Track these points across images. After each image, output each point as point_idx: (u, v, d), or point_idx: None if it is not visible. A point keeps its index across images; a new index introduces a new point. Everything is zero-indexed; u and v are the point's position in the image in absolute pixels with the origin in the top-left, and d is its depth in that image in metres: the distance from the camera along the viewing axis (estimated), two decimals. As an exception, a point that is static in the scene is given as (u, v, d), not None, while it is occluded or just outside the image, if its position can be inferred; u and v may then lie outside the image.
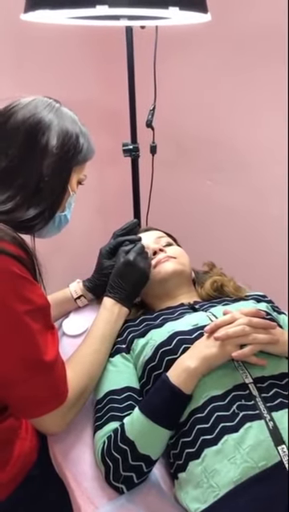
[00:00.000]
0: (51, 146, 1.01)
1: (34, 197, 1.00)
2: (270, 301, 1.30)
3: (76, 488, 1.01)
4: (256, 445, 0.87)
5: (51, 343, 0.97)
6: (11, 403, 0.97)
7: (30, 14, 1.19)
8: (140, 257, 1.28)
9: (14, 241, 0.92)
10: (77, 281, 1.42)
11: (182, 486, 0.94)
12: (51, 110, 1.03)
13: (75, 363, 1.07)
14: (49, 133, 1.01)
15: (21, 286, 0.91)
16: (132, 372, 1.14)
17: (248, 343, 1.00)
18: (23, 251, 0.93)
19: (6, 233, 0.92)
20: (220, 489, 0.87)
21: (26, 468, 1.07)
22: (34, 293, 0.93)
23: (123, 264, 1.27)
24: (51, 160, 1.01)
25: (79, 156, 1.07)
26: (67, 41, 1.80)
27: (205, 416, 0.95)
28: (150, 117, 1.67)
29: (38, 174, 1.00)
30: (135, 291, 1.28)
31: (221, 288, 1.33)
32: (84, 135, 1.08)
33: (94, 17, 1.31)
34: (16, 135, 0.99)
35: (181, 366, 1.00)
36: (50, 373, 0.96)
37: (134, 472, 0.97)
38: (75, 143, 1.05)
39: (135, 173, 1.74)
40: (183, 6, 1.14)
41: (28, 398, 0.95)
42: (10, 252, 0.89)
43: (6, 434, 1.05)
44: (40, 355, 0.93)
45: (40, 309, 0.95)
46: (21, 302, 0.90)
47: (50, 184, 1.01)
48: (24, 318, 0.90)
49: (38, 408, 0.96)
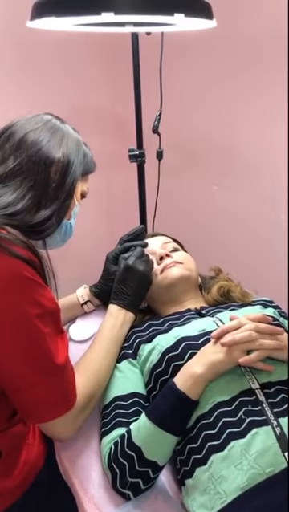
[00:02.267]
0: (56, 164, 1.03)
1: (43, 199, 1.01)
2: (277, 306, 1.30)
3: (83, 494, 1.01)
4: (263, 451, 0.87)
5: (61, 347, 0.97)
6: (20, 407, 0.97)
7: (36, 21, 1.20)
8: (139, 260, 1.28)
9: (25, 245, 0.93)
10: (84, 286, 1.42)
11: (189, 493, 0.94)
12: (55, 132, 1.06)
13: (82, 370, 1.07)
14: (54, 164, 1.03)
15: (32, 289, 0.91)
16: (139, 378, 1.13)
17: (255, 348, 0.99)
18: (34, 255, 0.94)
19: (16, 238, 0.92)
20: (227, 496, 0.86)
21: (33, 474, 1.07)
22: (44, 297, 0.94)
23: (123, 269, 1.28)
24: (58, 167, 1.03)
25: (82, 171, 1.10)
26: (73, 48, 1.81)
27: (212, 422, 0.94)
28: (156, 123, 1.68)
29: (46, 178, 1.01)
30: (138, 295, 1.28)
31: (228, 293, 1.32)
32: (86, 155, 1.12)
33: (100, 24, 1.32)
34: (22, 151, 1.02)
35: (188, 372, 0.99)
36: (60, 377, 0.96)
37: (141, 478, 0.97)
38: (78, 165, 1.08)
39: (141, 179, 1.75)
40: (188, 13, 1.14)
41: (37, 402, 0.95)
42: (21, 256, 0.90)
43: (14, 440, 1.05)
44: (50, 358, 0.93)
45: (51, 313, 0.95)
46: (32, 305, 0.90)
47: (57, 188, 1.03)
48: (35, 322, 0.91)
49: (46, 413, 0.96)
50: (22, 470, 1.04)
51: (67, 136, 1.07)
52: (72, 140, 1.07)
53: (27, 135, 1.02)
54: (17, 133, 1.03)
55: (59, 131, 1.06)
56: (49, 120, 1.07)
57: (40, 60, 1.86)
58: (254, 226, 2.09)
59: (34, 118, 1.06)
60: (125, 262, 1.28)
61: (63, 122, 1.10)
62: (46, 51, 1.83)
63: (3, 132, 1.04)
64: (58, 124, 1.08)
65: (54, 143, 1.04)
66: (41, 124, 1.05)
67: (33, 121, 1.05)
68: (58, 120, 1.09)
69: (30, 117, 1.07)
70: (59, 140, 1.05)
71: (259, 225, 2.07)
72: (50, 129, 1.05)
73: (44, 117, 1.08)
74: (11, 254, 0.89)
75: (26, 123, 1.05)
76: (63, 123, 1.10)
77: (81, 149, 1.10)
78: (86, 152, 1.13)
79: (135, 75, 1.62)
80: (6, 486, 1.01)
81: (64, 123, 1.10)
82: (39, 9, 1.18)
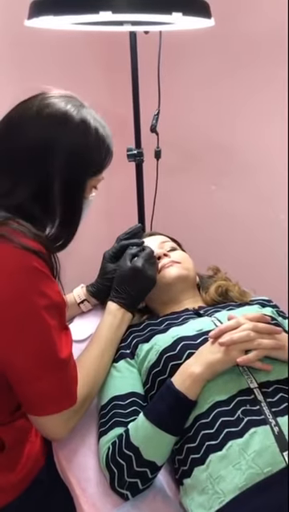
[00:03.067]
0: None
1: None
2: (275, 306, 1.30)
3: (81, 494, 1.01)
4: (261, 451, 0.87)
5: (65, 342, 0.97)
6: (23, 398, 0.98)
7: (34, 20, 1.20)
8: (148, 264, 1.27)
9: (36, 237, 0.94)
10: (81, 286, 1.42)
11: (187, 492, 0.94)
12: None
13: (79, 369, 1.07)
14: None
15: (41, 281, 0.92)
16: (137, 378, 1.13)
17: (253, 348, 0.99)
18: (43, 247, 0.94)
19: (29, 230, 0.93)
20: (225, 496, 0.86)
21: (34, 471, 1.07)
22: (52, 289, 0.94)
23: (131, 270, 1.26)
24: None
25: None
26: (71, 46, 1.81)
27: (210, 422, 0.94)
28: (154, 122, 1.68)
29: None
30: (140, 297, 1.28)
31: (226, 293, 1.32)
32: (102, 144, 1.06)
33: (98, 22, 1.32)
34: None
35: (186, 371, 0.99)
36: (64, 371, 0.97)
37: (139, 478, 0.96)
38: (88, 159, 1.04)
39: (139, 178, 1.75)
40: (186, 12, 1.14)
41: (40, 395, 0.95)
42: (31, 248, 0.91)
43: (18, 434, 1.05)
44: (55, 351, 0.94)
45: (57, 306, 0.95)
46: (40, 296, 0.91)
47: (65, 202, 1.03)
48: (42, 313, 0.91)
49: (48, 406, 0.96)
50: (24, 465, 1.05)
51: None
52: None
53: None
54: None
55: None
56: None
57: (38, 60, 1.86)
58: (252, 226, 2.09)
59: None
60: (135, 263, 1.26)
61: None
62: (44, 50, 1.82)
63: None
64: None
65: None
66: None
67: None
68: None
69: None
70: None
71: (257, 224, 2.07)
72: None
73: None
74: (22, 246, 0.90)
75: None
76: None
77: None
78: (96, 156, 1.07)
79: (133, 74, 1.62)
80: (8, 481, 1.02)
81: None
82: (37, 7, 1.18)
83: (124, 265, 1.28)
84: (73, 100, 1.03)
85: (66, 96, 1.03)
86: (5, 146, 0.99)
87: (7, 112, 1.02)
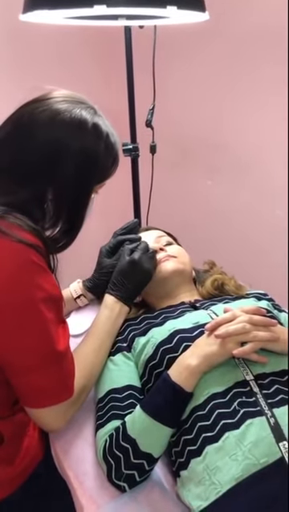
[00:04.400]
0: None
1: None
2: (270, 299, 1.30)
3: (78, 487, 1.01)
4: (257, 442, 0.87)
5: (62, 335, 0.98)
6: (19, 390, 0.98)
7: (28, 14, 1.20)
8: (145, 256, 1.28)
9: (33, 230, 0.94)
10: (77, 281, 1.42)
11: (184, 484, 0.94)
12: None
13: (76, 361, 1.07)
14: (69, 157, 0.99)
15: (38, 274, 0.92)
16: (134, 371, 1.14)
17: (249, 340, 1.00)
18: (40, 241, 0.95)
19: (24, 223, 0.94)
20: (222, 487, 0.86)
21: (32, 465, 1.08)
22: (49, 283, 0.95)
23: (128, 263, 1.27)
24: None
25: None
26: (66, 41, 1.81)
27: (207, 414, 0.95)
28: (149, 117, 1.68)
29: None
30: (137, 290, 1.29)
31: (222, 286, 1.33)
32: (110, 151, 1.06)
33: (92, 17, 1.31)
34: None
35: (182, 364, 1.00)
36: (61, 364, 0.97)
37: (136, 470, 0.97)
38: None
39: (135, 173, 1.75)
40: (181, 5, 1.14)
41: (36, 387, 0.96)
42: (28, 242, 0.91)
43: (16, 428, 1.06)
44: (52, 344, 0.94)
45: (54, 299, 0.96)
46: (38, 289, 0.92)
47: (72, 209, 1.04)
48: (39, 306, 0.92)
49: (45, 399, 0.97)
50: (22, 459, 1.05)
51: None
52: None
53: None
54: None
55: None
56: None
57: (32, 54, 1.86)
58: (248, 221, 2.10)
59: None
60: (132, 256, 1.27)
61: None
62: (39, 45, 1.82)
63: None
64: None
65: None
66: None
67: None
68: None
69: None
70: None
71: (253, 219, 2.08)
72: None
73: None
74: (19, 240, 0.90)
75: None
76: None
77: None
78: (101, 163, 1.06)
79: (128, 68, 1.62)
80: (7, 474, 1.02)
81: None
82: (32, 1, 1.18)
83: (122, 259, 1.29)
84: (86, 106, 1.02)
85: (79, 102, 1.02)
86: (14, 149, 0.99)
87: (13, 113, 1.01)
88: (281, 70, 1.73)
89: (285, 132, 1.79)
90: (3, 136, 1.00)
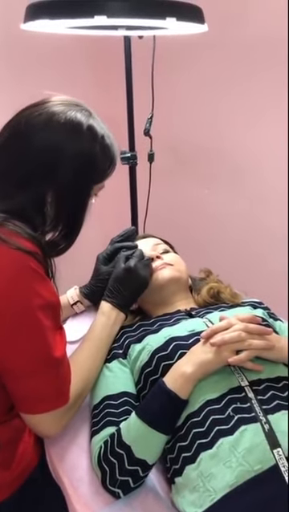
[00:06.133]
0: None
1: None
2: (266, 307, 1.31)
3: (73, 494, 1.01)
4: (251, 448, 0.88)
5: (59, 341, 0.98)
6: (15, 396, 0.98)
7: (29, 23, 1.21)
8: (140, 263, 1.28)
9: (31, 237, 0.95)
10: (74, 287, 1.43)
11: (179, 491, 0.94)
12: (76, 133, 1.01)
13: (72, 368, 1.07)
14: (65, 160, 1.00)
15: (36, 281, 0.93)
16: (129, 377, 1.14)
17: (244, 348, 1.00)
18: (38, 248, 0.95)
19: (23, 230, 0.94)
20: (216, 493, 0.87)
21: (28, 470, 1.08)
22: (47, 290, 0.95)
23: (124, 270, 1.27)
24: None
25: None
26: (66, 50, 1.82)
27: (201, 420, 0.95)
28: (148, 125, 1.69)
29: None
30: (133, 298, 1.29)
31: (218, 295, 1.33)
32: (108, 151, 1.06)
33: (93, 27, 1.33)
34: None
35: (178, 371, 1.00)
36: (57, 370, 0.97)
37: (130, 476, 0.97)
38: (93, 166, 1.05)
39: (133, 181, 1.76)
40: (180, 17, 1.15)
41: (32, 393, 0.96)
42: (27, 249, 0.92)
43: (11, 434, 1.06)
44: (49, 350, 0.94)
45: (51, 306, 0.96)
46: (35, 296, 0.92)
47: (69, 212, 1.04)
48: (37, 313, 0.92)
49: (40, 405, 0.97)
50: (18, 465, 1.05)
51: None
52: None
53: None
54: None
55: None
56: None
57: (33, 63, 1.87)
58: (244, 229, 2.10)
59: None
60: (128, 263, 1.28)
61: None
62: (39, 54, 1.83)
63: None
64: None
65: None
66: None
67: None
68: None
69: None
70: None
71: (249, 227, 2.08)
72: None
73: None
74: (18, 247, 0.91)
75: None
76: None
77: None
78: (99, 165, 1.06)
79: (127, 78, 1.63)
80: (2, 479, 1.02)
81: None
82: (33, 11, 1.19)
83: (117, 266, 1.30)
84: (81, 109, 1.03)
85: (74, 104, 1.03)
86: (11, 153, 1.00)
87: (11, 119, 1.02)
88: (278, 79, 1.74)
89: (282, 141, 1.81)
90: (1, 142, 1.01)
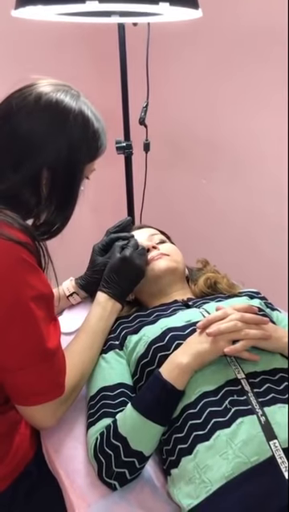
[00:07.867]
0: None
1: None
2: (263, 297, 1.30)
3: (69, 485, 1.01)
4: (248, 440, 0.87)
5: (53, 333, 0.98)
6: (10, 388, 0.98)
7: (20, 10, 1.19)
8: (136, 253, 1.27)
9: (23, 228, 0.94)
10: (70, 279, 1.42)
11: (175, 482, 0.94)
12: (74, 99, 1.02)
13: (67, 359, 1.07)
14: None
15: (28, 272, 0.92)
16: (125, 369, 1.13)
17: (240, 338, 1.00)
18: (30, 239, 0.95)
19: (14, 221, 0.93)
20: (212, 485, 0.86)
21: (23, 462, 1.07)
22: (40, 281, 0.95)
23: (119, 260, 1.26)
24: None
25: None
26: (59, 38, 1.80)
27: (198, 412, 0.94)
28: (143, 114, 1.67)
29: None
30: (129, 288, 1.28)
31: (215, 285, 1.33)
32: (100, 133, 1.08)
33: (85, 13, 1.31)
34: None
35: (174, 362, 0.99)
36: (51, 362, 0.97)
37: (127, 468, 0.97)
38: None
39: (128, 171, 1.74)
40: (173, 2, 1.13)
41: (27, 384, 0.96)
42: (18, 240, 0.91)
43: (7, 426, 1.05)
44: (42, 342, 0.94)
45: (44, 297, 0.96)
46: (28, 287, 0.91)
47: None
48: (30, 304, 0.91)
49: (36, 396, 0.97)
50: (13, 458, 1.05)
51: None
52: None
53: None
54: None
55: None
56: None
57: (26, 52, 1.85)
58: (241, 219, 2.09)
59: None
60: (123, 253, 1.27)
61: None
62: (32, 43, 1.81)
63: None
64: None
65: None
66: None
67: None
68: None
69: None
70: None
71: (247, 218, 2.07)
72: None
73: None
74: (9, 238, 0.90)
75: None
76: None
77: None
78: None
79: (122, 66, 1.61)
80: None
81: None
82: (23, -3, 1.17)
83: (113, 256, 1.29)
84: (69, 90, 1.04)
85: (62, 85, 1.04)
86: (3, 136, 0.99)
87: (1, 102, 1.02)
88: (278, 67, 1.72)
89: (281, 129, 1.79)
90: None
